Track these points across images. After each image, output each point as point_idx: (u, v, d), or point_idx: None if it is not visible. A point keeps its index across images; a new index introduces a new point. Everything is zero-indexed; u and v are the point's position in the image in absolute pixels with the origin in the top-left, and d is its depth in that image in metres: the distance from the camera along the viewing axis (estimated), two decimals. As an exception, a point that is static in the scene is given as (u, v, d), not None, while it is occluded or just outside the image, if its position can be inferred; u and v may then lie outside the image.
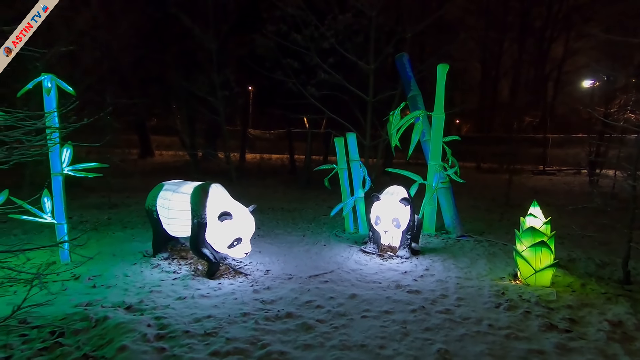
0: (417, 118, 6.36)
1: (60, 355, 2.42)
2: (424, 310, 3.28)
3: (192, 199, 4.09)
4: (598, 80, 22.96)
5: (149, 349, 2.44)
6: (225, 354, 2.45)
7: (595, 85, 23.73)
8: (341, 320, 3.07)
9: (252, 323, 2.93)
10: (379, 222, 4.77)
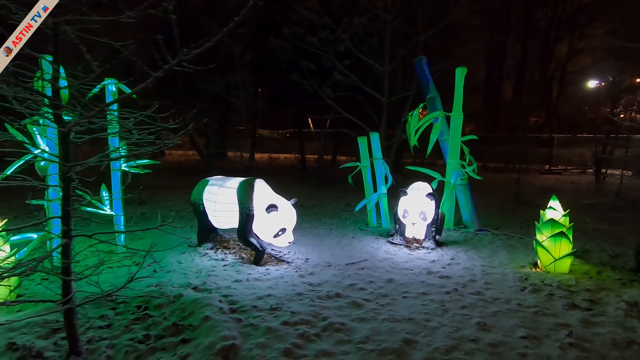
0: (436, 118, 6.72)
1: (152, 324, 2.80)
2: (457, 292, 3.65)
3: (239, 192, 4.47)
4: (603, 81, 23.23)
5: (227, 319, 2.82)
6: (294, 324, 2.83)
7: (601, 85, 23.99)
8: (384, 299, 3.44)
9: (309, 301, 3.31)
10: (406, 215, 5.14)
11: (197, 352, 2.41)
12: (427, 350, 2.53)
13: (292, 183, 12.99)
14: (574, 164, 20.92)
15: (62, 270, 2.32)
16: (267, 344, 2.52)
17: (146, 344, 2.54)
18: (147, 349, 2.48)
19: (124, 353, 2.45)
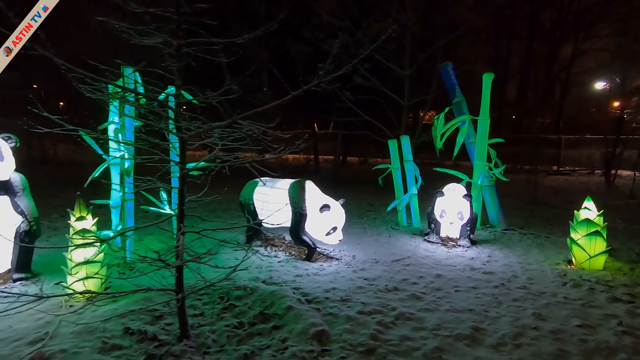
0: (463, 122, 7.01)
1: (240, 313, 3.09)
2: (505, 286, 3.93)
3: (291, 193, 4.75)
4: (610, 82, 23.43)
5: (308, 308, 3.10)
6: (369, 313, 3.11)
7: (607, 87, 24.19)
8: (439, 293, 3.72)
9: (372, 294, 3.59)
10: (444, 215, 5.42)
11: (292, 336, 2.69)
12: (496, 337, 2.81)
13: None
14: (582, 164, 21.14)
15: (177, 264, 2.61)
16: (353, 330, 2.81)
17: (243, 329, 2.83)
18: (246, 334, 2.77)
19: (226, 337, 2.74)
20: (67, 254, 3.30)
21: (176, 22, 2.47)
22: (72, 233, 3.31)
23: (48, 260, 4.21)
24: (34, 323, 2.84)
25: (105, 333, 2.62)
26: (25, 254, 3.72)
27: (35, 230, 3.66)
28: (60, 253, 4.40)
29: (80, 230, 3.29)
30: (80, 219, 3.33)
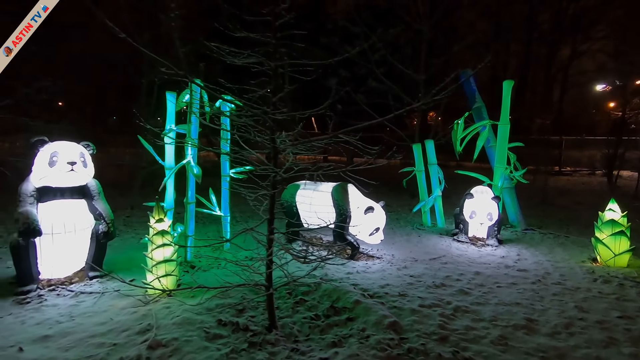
0: (483, 127, 7.34)
1: (312, 307, 3.38)
2: (541, 282, 4.25)
3: (336, 196, 5.05)
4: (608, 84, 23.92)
5: (374, 302, 3.41)
6: (429, 306, 3.42)
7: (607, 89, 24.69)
8: (483, 288, 4.04)
9: (423, 289, 3.90)
10: (474, 216, 5.75)
11: (369, 327, 2.99)
12: (549, 326, 3.13)
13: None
14: (582, 165, 21.59)
15: (267, 261, 2.91)
16: (421, 321, 3.11)
17: (320, 321, 3.13)
18: (325, 325, 3.07)
19: (308, 327, 3.03)
20: (148, 253, 3.57)
21: (273, 46, 2.76)
22: (152, 234, 3.59)
23: (113, 259, 4.49)
24: (130, 316, 3.11)
25: (203, 324, 2.90)
26: (100, 254, 4.00)
27: (112, 231, 3.93)
28: (122, 252, 4.70)
29: (159, 232, 3.57)
30: (159, 221, 3.60)
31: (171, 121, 4.79)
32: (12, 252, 3.47)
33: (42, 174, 3.50)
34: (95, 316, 3.13)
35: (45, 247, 3.61)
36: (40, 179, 3.52)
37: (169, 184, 4.94)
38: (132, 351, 2.55)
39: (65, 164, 3.50)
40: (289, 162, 3.25)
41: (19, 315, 3.13)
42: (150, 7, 7.68)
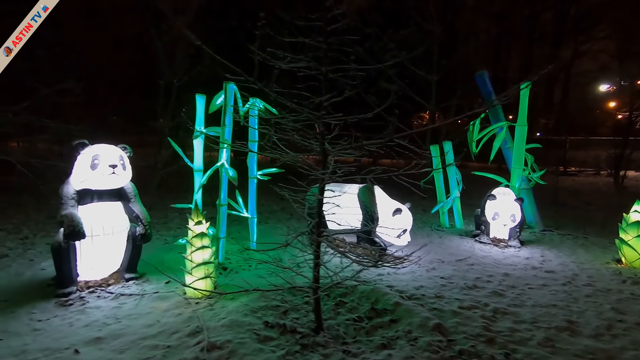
0: (500, 128, 7.37)
1: (352, 309, 3.41)
2: (571, 284, 4.28)
3: (363, 197, 5.08)
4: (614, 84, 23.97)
5: (414, 304, 3.44)
6: (468, 308, 3.45)
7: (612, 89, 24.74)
8: (516, 290, 4.07)
9: (457, 291, 3.93)
10: (496, 218, 5.78)
11: (414, 328, 3.02)
12: (590, 327, 3.16)
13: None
14: (587, 165, 21.64)
15: (315, 264, 2.94)
16: (464, 323, 3.14)
17: (364, 323, 3.16)
18: (370, 327, 3.10)
19: (353, 329, 3.06)
20: (187, 255, 3.60)
21: (324, 51, 2.79)
22: (190, 236, 3.61)
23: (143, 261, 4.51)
24: (175, 318, 3.14)
25: (251, 326, 2.93)
26: (135, 256, 4.02)
27: (149, 233, 3.96)
28: (150, 254, 4.72)
29: (198, 234, 3.60)
30: (198, 224, 3.63)
31: (200, 123, 4.82)
32: (54, 254, 3.50)
33: (83, 176, 3.52)
34: (140, 318, 3.15)
35: (84, 249, 3.64)
36: (81, 182, 3.54)
37: (197, 187, 4.97)
38: (188, 353, 2.58)
39: (107, 166, 3.53)
40: (332, 166, 3.28)
41: (65, 317, 3.16)
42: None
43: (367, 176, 2.83)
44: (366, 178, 2.85)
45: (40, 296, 3.55)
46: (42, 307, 3.32)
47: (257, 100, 4.87)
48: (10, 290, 3.68)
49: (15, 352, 2.62)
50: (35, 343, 2.74)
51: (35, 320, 3.11)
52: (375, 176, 2.84)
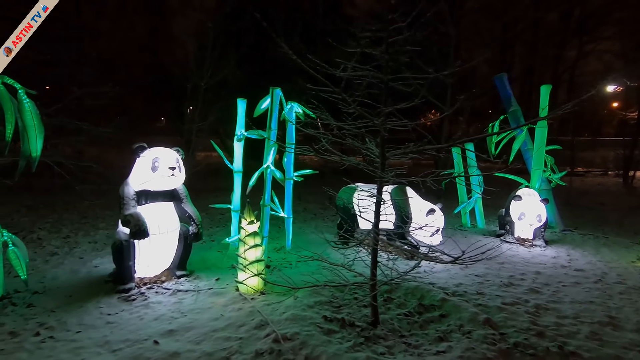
0: (520, 130, 7.53)
1: (401, 304, 3.58)
2: (603, 282, 4.44)
3: (396, 197, 5.24)
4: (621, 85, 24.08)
5: (459, 300, 3.60)
6: (511, 304, 3.62)
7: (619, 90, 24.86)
8: (551, 287, 4.23)
9: (495, 288, 4.10)
10: (522, 218, 5.94)
11: (465, 322, 3.18)
12: (632, 322, 3.32)
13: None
14: (595, 166, 21.75)
15: (372, 262, 3.11)
16: (511, 318, 3.30)
17: (416, 317, 3.33)
18: (422, 321, 3.27)
19: (407, 324, 3.23)
20: (242, 253, 3.77)
21: (385, 61, 2.96)
22: (244, 235, 3.79)
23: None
24: (237, 313, 3.32)
25: (312, 320, 3.10)
26: (186, 254, 4.20)
27: (201, 232, 4.14)
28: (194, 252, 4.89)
29: (251, 233, 3.77)
30: (251, 223, 3.80)
31: (241, 126, 5.00)
32: (116, 252, 3.68)
33: (144, 178, 3.70)
34: (204, 312, 3.33)
35: (142, 247, 3.82)
36: (142, 183, 3.72)
37: (236, 187, 5.14)
38: (261, 344, 2.75)
39: (167, 169, 3.70)
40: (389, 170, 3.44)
41: (133, 312, 3.34)
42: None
43: (427, 178, 2.99)
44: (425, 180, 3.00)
45: (102, 292, 3.73)
46: (107, 302, 3.50)
47: (295, 104, 5.05)
48: (71, 286, 3.87)
49: (98, 342, 2.80)
50: (113, 335, 2.92)
51: (105, 314, 3.29)
52: (435, 178, 2.99)
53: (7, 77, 3.16)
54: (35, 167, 3.20)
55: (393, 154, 3.08)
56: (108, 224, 6.56)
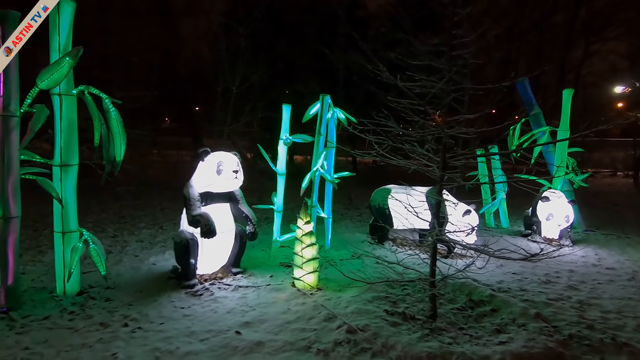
0: (542, 133, 7.74)
1: (451, 300, 3.80)
2: (636, 279, 4.66)
3: (432, 199, 5.46)
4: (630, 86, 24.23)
5: (506, 296, 3.82)
6: (555, 299, 3.84)
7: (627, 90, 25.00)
8: (587, 285, 4.44)
9: (536, 285, 4.32)
10: (550, 218, 6.16)
11: (517, 316, 3.40)
12: (673, 317, 3.54)
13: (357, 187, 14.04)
14: (603, 166, 21.90)
15: (432, 259, 3.34)
16: (559, 312, 3.52)
17: (469, 312, 3.55)
18: (475, 315, 3.49)
19: (462, 317, 3.45)
20: (298, 251, 4.01)
21: (448, 72, 3.18)
22: (300, 235, 4.02)
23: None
24: (302, 307, 3.54)
25: (376, 313, 3.33)
26: (241, 252, 4.44)
27: (257, 231, 4.37)
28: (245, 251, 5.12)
29: (308, 233, 4.01)
30: (307, 223, 4.03)
31: (286, 130, 5.23)
32: (182, 250, 3.91)
33: (209, 180, 3.94)
34: (270, 306, 3.56)
35: (205, 245, 4.05)
36: (207, 185, 3.95)
37: (279, 188, 5.38)
38: (336, 335, 2.98)
39: (231, 172, 3.94)
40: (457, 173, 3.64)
41: (204, 305, 3.57)
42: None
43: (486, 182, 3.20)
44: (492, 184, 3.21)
45: (168, 287, 3.97)
46: (177, 297, 3.74)
47: (337, 109, 5.28)
48: (137, 282, 4.11)
49: (184, 333, 3.04)
50: (195, 326, 3.15)
51: (179, 307, 3.53)
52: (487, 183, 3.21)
53: (92, 87, 3.41)
54: (117, 171, 3.44)
55: (456, 159, 3.30)
56: (147, 224, 6.81)
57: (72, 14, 3.32)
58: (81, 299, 3.59)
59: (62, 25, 3.26)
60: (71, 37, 3.34)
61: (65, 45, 3.31)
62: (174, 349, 2.79)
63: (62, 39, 3.28)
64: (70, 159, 3.48)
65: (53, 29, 3.26)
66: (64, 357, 2.68)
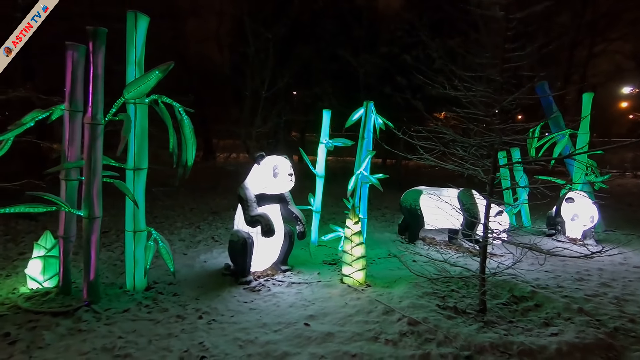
0: (562, 135, 7.96)
1: (495, 295, 4.03)
2: (664, 277, 4.88)
3: (464, 200, 5.70)
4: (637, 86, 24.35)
5: (545, 292, 4.05)
6: (593, 295, 4.06)
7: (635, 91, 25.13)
8: (619, 282, 4.66)
9: (570, 282, 4.54)
10: (575, 219, 6.38)
11: (561, 311, 3.63)
12: None
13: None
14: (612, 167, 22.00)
15: (482, 256, 3.58)
16: (599, 307, 3.75)
17: (514, 307, 3.78)
18: (521, 309, 3.72)
19: (508, 312, 3.68)
20: (348, 250, 4.24)
21: (500, 83, 3.42)
22: (350, 234, 4.26)
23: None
24: (357, 301, 3.78)
25: (429, 308, 3.56)
26: (289, 251, 4.68)
27: (306, 231, 4.61)
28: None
29: (357, 232, 4.24)
30: (356, 223, 4.27)
31: (325, 135, 5.47)
32: (241, 248, 4.15)
33: (265, 183, 4.18)
34: (327, 301, 3.80)
35: (259, 244, 4.30)
36: (263, 188, 4.20)
37: (318, 190, 5.62)
38: (398, 327, 3.22)
39: (287, 175, 4.18)
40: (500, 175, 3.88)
41: (265, 300, 3.82)
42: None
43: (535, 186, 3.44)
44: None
45: (225, 283, 4.22)
46: (237, 292, 3.99)
47: (377, 115, 5.51)
48: (195, 279, 4.35)
49: (257, 324, 3.29)
50: (264, 319, 3.40)
51: (242, 302, 3.77)
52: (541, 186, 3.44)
53: (165, 97, 3.66)
54: (187, 175, 3.69)
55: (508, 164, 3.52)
56: (183, 224, 7.06)
57: (146, 28, 3.57)
58: (151, 293, 3.84)
59: (138, 39, 3.51)
60: (144, 49, 3.59)
61: (140, 58, 3.56)
62: (254, 339, 3.03)
63: (138, 51, 3.53)
64: (141, 163, 3.73)
65: (130, 43, 3.51)
66: (157, 345, 2.92)
